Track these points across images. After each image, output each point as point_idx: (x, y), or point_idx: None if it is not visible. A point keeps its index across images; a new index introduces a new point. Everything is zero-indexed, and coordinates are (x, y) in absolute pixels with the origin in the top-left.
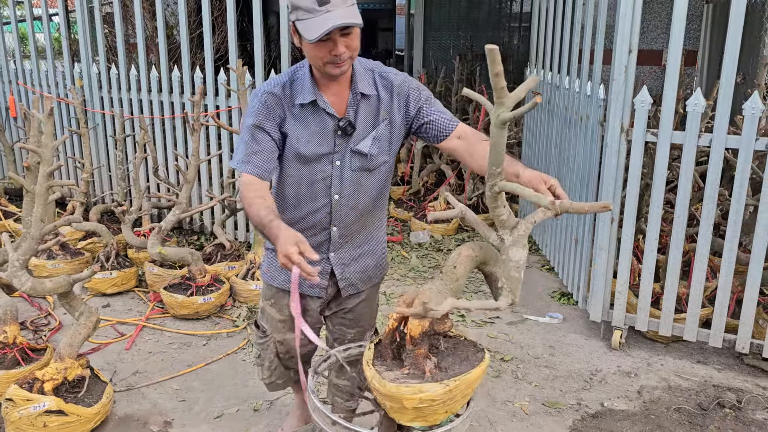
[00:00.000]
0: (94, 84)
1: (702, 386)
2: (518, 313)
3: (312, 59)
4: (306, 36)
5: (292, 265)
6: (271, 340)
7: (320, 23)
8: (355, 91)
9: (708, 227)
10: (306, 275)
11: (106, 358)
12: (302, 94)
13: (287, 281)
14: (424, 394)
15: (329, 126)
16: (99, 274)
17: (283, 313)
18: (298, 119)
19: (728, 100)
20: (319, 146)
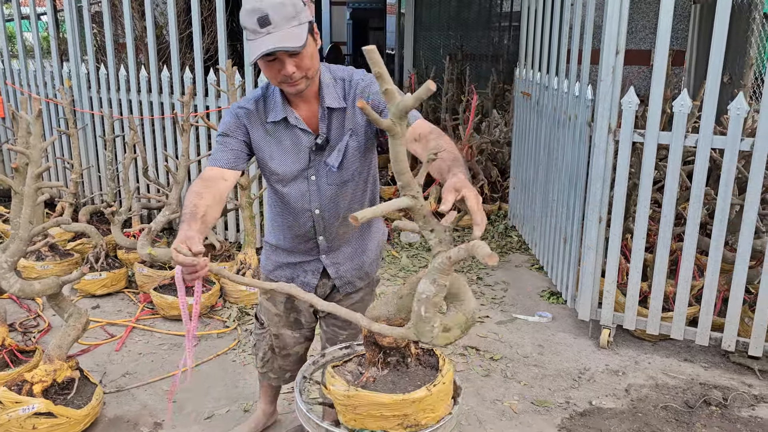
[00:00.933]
0: (83, 84)
1: (689, 384)
2: (508, 312)
3: (267, 78)
4: (250, 57)
5: (177, 267)
6: (268, 333)
7: (259, 44)
8: (323, 105)
9: (695, 226)
10: (186, 270)
11: (96, 360)
12: (274, 111)
13: (285, 278)
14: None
15: (304, 142)
16: (88, 275)
17: (278, 308)
18: (272, 135)
19: (714, 101)
20: (294, 163)
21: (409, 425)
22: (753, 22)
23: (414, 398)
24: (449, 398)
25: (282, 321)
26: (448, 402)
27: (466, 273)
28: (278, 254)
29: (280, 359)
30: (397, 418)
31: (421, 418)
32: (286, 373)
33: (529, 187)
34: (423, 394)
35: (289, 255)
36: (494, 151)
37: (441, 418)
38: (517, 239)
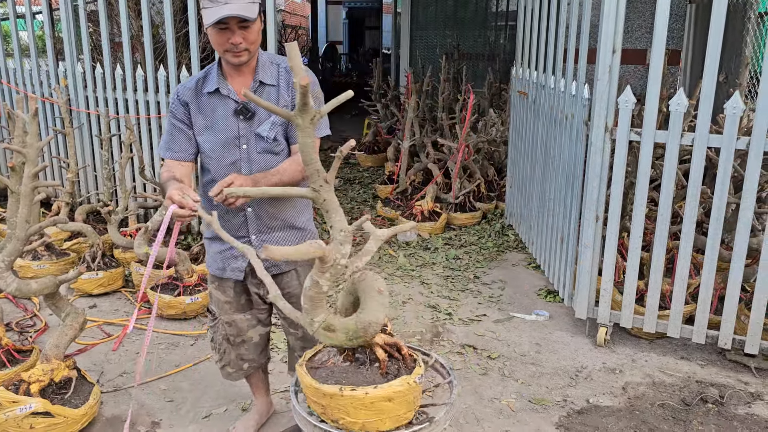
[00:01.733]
0: (79, 83)
1: (685, 382)
2: (505, 311)
3: (214, 45)
4: (205, 21)
5: (171, 204)
6: (219, 323)
7: (218, 10)
8: (255, 79)
9: (691, 225)
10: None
11: (93, 359)
12: (208, 83)
13: (218, 268)
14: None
15: (231, 109)
16: (85, 274)
17: (228, 294)
18: (207, 106)
19: (710, 100)
20: (225, 130)
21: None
22: (748, 22)
23: (330, 392)
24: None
25: (233, 306)
26: (395, 414)
27: (464, 271)
28: (212, 245)
29: (235, 348)
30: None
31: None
32: (243, 363)
33: (526, 186)
34: (334, 391)
35: (217, 242)
36: (491, 150)
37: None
38: (514, 238)
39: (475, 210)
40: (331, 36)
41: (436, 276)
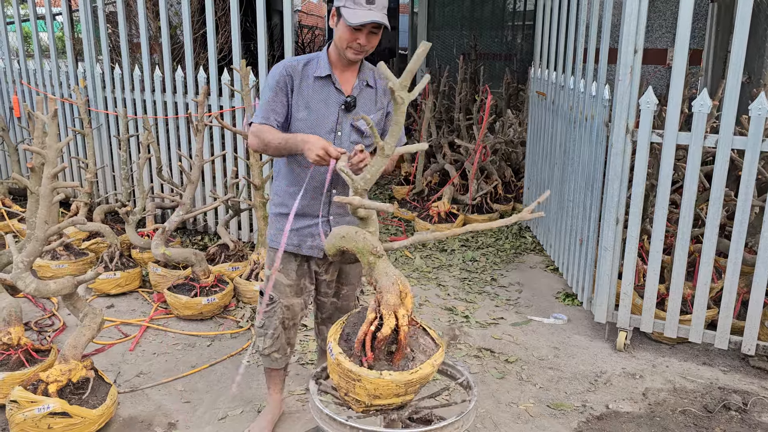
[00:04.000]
0: (98, 84)
1: (707, 388)
2: (523, 314)
3: (339, 40)
4: (349, 19)
5: (329, 159)
6: (279, 306)
7: (363, 14)
8: (361, 78)
9: (714, 228)
10: (336, 156)
11: (110, 360)
12: (319, 69)
13: (293, 245)
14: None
15: (335, 99)
16: (103, 274)
17: (290, 278)
18: (311, 89)
19: (734, 101)
20: (325, 114)
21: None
22: None
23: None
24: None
25: (293, 290)
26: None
27: (480, 273)
28: (283, 221)
29: (287, 332)
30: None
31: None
32: (288, 348)
33: (544, 188)
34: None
35: (297, 219)
36: (508, 151)
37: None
38: (532, 240)
39: (493, 211)
40: None
41: (452, 278)
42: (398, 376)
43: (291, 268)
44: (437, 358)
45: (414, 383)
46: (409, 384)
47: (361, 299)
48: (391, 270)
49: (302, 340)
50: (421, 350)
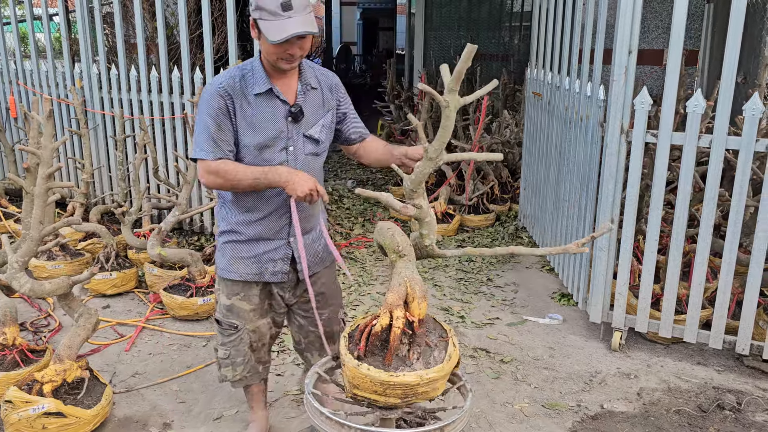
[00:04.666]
0: (95, 84)
1: (702, 388)
2: (518, 314)
3: (268, 54)
4: (268, 37)
5: (316, 197)
6: (244, 333)
7: (281, 27)
8: (304, 82)
9: (708, 228)
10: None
11: (106, 360)
12: (257, 84)
13: (253, 273)
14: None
15: (281, 112)
16: (99, 275)
17: (253, 302)
18: (253, 107)
19: (728, 101)
20: (273, 132)
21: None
22: (767, 21)
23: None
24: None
25: (257, 313)
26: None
27: (476, 274)
28: (239, 248)
29: (257, 353)
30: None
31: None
32: (259, 365)
33: (540, 188)
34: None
35: (254, 245)
36: (505, 151)
37: None
38: (528, 240)
39: (489, 212)
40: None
41: (448, 278)
42: (374, 373)
43: (253, 293)
44: (431, 373)
45: (394, 387)
46: (386, 385)
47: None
48: (406, 272)
49: None
50: (425, 360)
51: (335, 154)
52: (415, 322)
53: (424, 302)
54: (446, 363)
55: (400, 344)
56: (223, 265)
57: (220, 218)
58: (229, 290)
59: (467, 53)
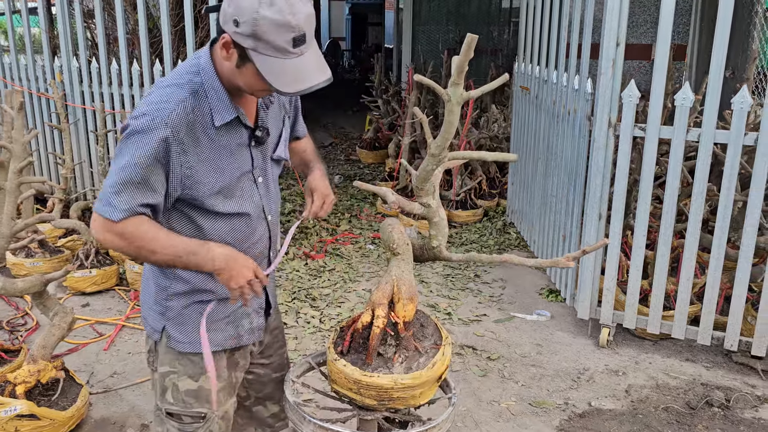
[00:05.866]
0: (75, 78)
1: (690, 385)
2: (506, 310)
3: (247, 86)
4: (273, 83)
5: (248, 295)
6: (214, 422)
7: (294, 72)
8: (264, 97)
9: (697, 223)
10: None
11: (84, 359)
12: (219, 112)
13: (230, 337)
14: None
15: (244, 139)
16: (78, 272)
17: (222, 377)
18: (214, 143)
19: (717, 94)
20: (239, 167)
21: None
22: (755, 16)
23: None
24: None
25: (226, 391)
26: None
27: (464, 270)
28: (211, 311)
29: None
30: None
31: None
32: None
33: (528, 183)
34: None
35: (225, 302)
36: (493, 146)
37: None
38: (516, 236)
39: (477, 207)
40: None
41: (435, 274)
42: (348, 370)
43: (221, 366)
44: (406, 379)
45: (367, 387)
46: (360, 384)
47: None
48: (396, 270)
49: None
50: (409, 365)
51: (322, 149)
52: (400, 323)
53: (410, 304)
54: (426, 371)
55: (387, 345)
56: (185, 338)
57: (167, 275)
58: (196, 368)
59: (468, 44)
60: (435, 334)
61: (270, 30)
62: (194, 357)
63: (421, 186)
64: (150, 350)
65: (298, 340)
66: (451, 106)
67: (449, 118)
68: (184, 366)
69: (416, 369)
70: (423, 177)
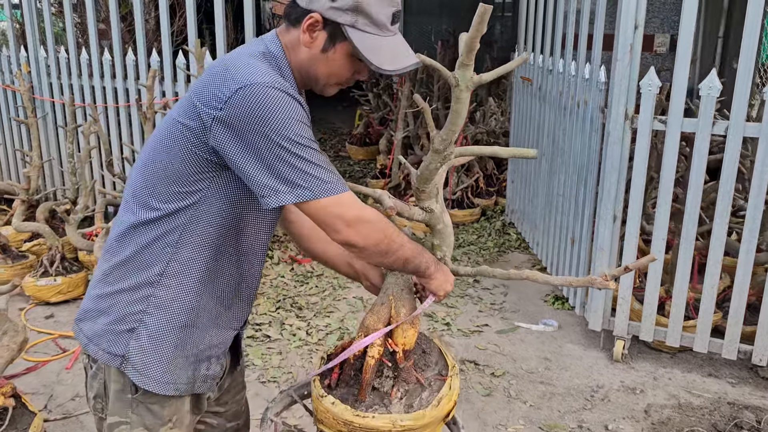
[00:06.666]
0: (42, 69)
1: (716, 404)
2: (508, 320)
3: (331, 75)
4: (374, 60)
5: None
6: None
7: (392, 50)
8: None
9: (723, 225)
10: None
11: (43, 380)
12: (302, 102)
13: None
14: None
15: None
16: (42, 280)
17: (183, 426)
18: None
19: (747, 84)
20: None
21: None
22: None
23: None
24: None
25: None
26: None
27: (462, 281)
28: (190, 341)
29: None
30: None
31: None
32: None
33: (531, 181)
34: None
35: (203, 334)
36: (490, 142)
37: None
38: (516, 237)
39: (474, 206)
40: None
41: None
42: (338, 409)
43: (185, 411)
44: (406, 420)
45: (361, 429)
46: (351, 426)
47: None
48: (394, 289)
49: (264, 354)
50: (410, 401)
51: None
52: (399, 352)
53: (411, 329)
54: (431, 409)
55: (383, 377)
56: (155, 371)
57: (158, 272)
58: (160, 415)
59: (480, 15)
60: (440, 362)
61: (373, 1)
62: (157, 402)
63: (423, 187)
64: (97, 394)
65: (283, 356)
66: (459, 92)
67: (456, 106)
68: (140, 415)
69: (419, 406)
70: (425, 177)
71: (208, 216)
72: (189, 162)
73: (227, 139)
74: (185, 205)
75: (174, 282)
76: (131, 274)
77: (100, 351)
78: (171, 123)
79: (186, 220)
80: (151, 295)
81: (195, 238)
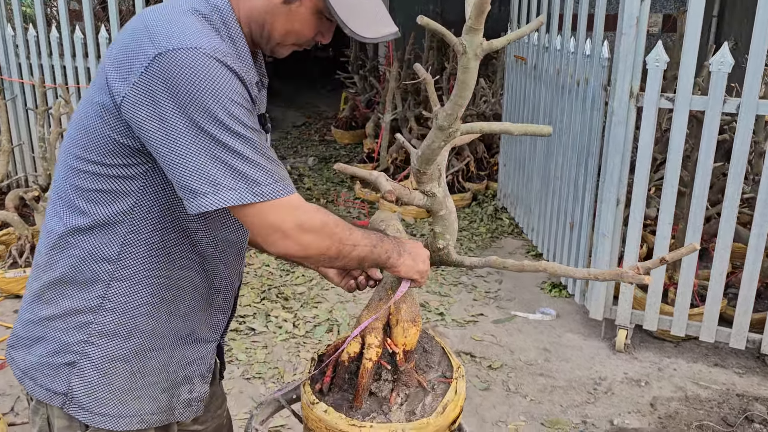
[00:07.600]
0: (10, 48)
1: (724, 396)
2: (505, 309)
3: (289, 34)
4: (353, 27)
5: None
6: None
7: (372, 17)
8: (260, 70)
9: (733, 208)
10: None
11: (10, 379)
12: (250, 68)
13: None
14: None
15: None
16: (11, 272)
17: None
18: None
19: (761, 61)
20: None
21: None
22: None
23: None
24: None
25: None
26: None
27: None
28: (147, 366)
29: None
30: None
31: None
32: None
33: (524, 164)
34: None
35: (171, 354)
36: None
37: None
38: (509, 222)
39: (465, 191)
40: None
41: None
42: (330, 418)
43: None
44: (410, 429)
45: None
46: None
47: None
48: (391, 281)
49: (248, 348)
50: (411, 407)
51: (295, 129)
52: (399, 354)
53: (412, 328)
54: (436, 417)
55: (381, 381)
56: (110, 409)
57: (98, 296)
58: None
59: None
60: (443, 362)
61: None
62: None
63: (424, 169)
64: (41, 431)
65: (269, 350)
66: (467, 60)
67: (464, 76)
68: None
69: (422, 413)
70: (427, 157)
71: (150, 220)
72: (110, 151)
73: (142, 121)
74: (120, 210)
75: (119, 305)
76: (66, 297)
77: (37, 387)
78: (87, 103)
79: (124, 228)
80: (92, 322)
81: (139, 250)
